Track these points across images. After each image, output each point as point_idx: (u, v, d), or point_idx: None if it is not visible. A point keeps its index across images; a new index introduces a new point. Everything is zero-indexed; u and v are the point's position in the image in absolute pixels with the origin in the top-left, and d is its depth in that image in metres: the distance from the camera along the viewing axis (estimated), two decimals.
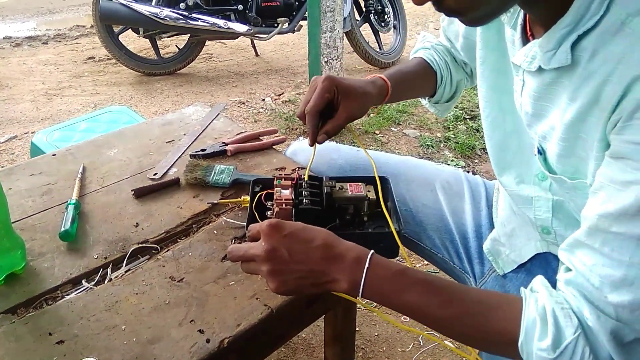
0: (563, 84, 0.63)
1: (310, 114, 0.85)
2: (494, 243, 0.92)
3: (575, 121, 0.61)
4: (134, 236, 0.89)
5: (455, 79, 1.04)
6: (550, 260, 0.85)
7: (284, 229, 0.65)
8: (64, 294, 0.78)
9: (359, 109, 0.88)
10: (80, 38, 4.44)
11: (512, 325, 0.60)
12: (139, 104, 3.14)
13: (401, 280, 0.65)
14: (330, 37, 2.64)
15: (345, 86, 0.86)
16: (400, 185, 1.03)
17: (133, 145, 1.16)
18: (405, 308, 0.65)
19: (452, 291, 0.65)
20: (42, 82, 3.51)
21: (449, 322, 0.64)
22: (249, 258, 0.67)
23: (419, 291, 0.64)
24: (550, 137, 0.67)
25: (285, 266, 0.65)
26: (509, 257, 0.90)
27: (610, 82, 0.55)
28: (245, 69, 3.79)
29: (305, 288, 0.67)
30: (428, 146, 2.74)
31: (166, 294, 0.78)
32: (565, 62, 0.60)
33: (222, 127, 1.23)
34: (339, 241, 0.67)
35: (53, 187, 1.02)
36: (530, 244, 0.87)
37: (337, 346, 1.04)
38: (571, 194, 0.69)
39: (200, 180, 1.01)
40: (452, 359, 1.57)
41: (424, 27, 4.81)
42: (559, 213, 0.77)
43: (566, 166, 0.66)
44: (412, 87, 1.03)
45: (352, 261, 0.65)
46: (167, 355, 0.68)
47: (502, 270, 0.91)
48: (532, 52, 0.65)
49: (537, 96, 0.67)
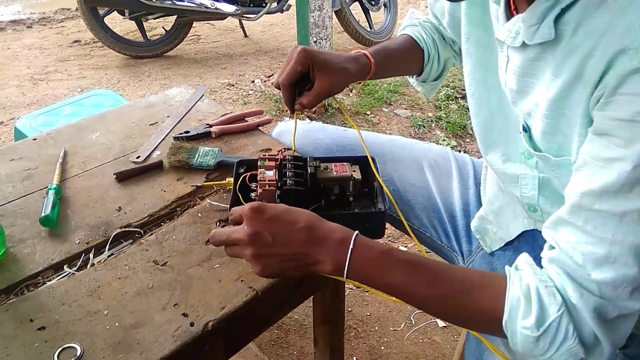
0: (547, 59, 0.61)
1: (283, 86, 0.86)
2: (482, 221, 0.92)
3: (559, 97, 0.60)
4: (117, 220, 0.88)
5: (443, 57, 1.02)
6: (538, 237, 0.84)
7: (267, 212, 0.64)
8: (46, 280, 0.77)
9: (335, 83, 0.87)
10: (65, 21, 4.35)
11: (496, 304, 0.59)
12: (126, 87, 3.10)
13: (385, 260, 0.64)
14: (319, 16, 2.60)
15: (321, 60, 0.85)
16: (387, 165, 1.02)
17: (115, 128, 1.13)
18: (389, 288, 0.65)
19: (436, 271, 0.64)
20: (27, 66, 3.45)
21: (433, 302, 0.64)
22: (232, 242, 0.66)
23: (403, 271, 0.63)
24: (534, 113, 0.66)
25: (268, 249, 0.64)
26: (496, 235, 0.89)
27: (593, 56, 0.54)
28: (234, 50, 3.74)
29: (289, 271, 0.66)
30: (419, 126, 2.72)
31: (149, 278, 0.77)
32: (548, 37, 0.59)
33: (207, 108, 1.21)
34: (323, 222, 0.66)
35: (34, 172, 1.00)
36: (517, 221, 0.87)
37: (327, 326, 1.04)
38: (556, 172, 0.68)
39: (184, 162, 0.99)
40: (443, 337, 1.58)
41: (414, 6, 4.76)
42: (545, 190, 0.77)
43: (550, 143, 0.65)
44: (397, 65, 1.01)
45: (336, 243, 0.64)
46: (150, 340, 0.67)
47: (489, 248, 0.91)
48: (516, 28, 0.64)
49: (521, 72, 0.66)
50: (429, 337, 1.58)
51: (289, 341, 1.57)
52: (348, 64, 0.89)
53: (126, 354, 0.65)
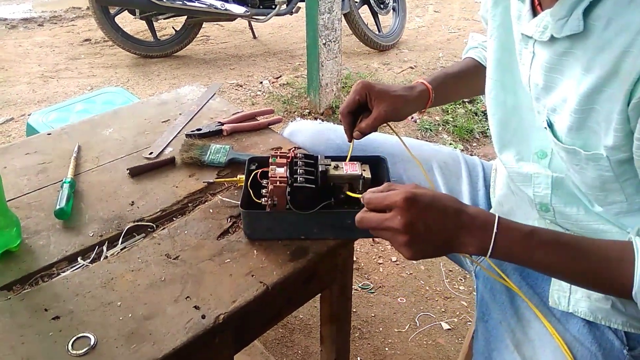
0: (575, 54, 0.62)
1: (342, 114, 0.93)
2: None
3: (591, 92, 0.61)
4: (130, 214, 0.89)
5: None
6: None
7: (420, 202, 0.64)
8: (60, 271, 0.79)
9: (391, 110, 0.90)
10: (76, 20, 4.39)
11: (629, 277, 0.61)
12: (135, 87, 3.12)
13: (528, 243, 0.65)
14: (329, 18, 2.61)
15: (378, 90, 0.90)
16: (397, 165, 1.03)
17: (128, 124, 1.15)
18: (532, 266, 0.68)
19: (577, 248, 0.65)
20: (38, 64, 3.48)
21: (573, 277, 0.67)
22: (384, 229, 0.67)
23: (545, 252, 0.65)
24: (560, 109, 0.67)
25: (422, 238, 0.65)
26: None
27: (630, 53, 0.55)
28: (242, 51, 3.76)
29: (437, 252, 0.68)
30: (427, 129, 2.73)
31: (162, 271, 0.78)
32: (577, 29, 0.60)
33: (218, 107, 1.22)
34: (467, 207, 0.67)
35: (48, 165, 1.01)
36: (528, 223, 0.87)
37: (333, 325, 1.05)
38: (582, 166, 0.68)
39: (196, 159, 1.01)
40: (447, 339, 1.58)
41: (423, 10, 4.77)
42: (558, 190, 0.77)
43: (575, 139, 0.66)
44: (460, 87, 1.02)
45: (480, 228, 0.65)
46: (162, 331, 0.69)
47: None
48: (544, 22, 0.65)
49: (549, 67, 0.67)
50: (434, 340, 1.59)
51: (293, 340, 1.57)
52: (404, 92, 0.92)
53: (139, 344, 0.67)
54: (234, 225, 0.87)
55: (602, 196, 0.70)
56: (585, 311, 0.75)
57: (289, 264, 0.80)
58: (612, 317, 0.74)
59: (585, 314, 0.75)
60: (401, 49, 3.82)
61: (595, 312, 0.74)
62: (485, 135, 2.68)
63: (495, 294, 0.85)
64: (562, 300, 0.77)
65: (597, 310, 0.74)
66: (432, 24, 4.43)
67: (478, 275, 0.93)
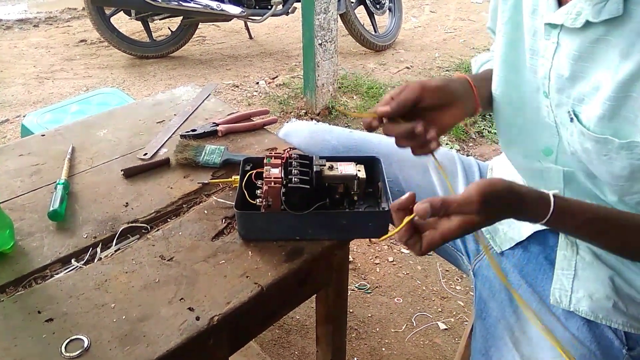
0: (610, 41, 0.61)
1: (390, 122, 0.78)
2: None
3: (629, 79, 0.60)
4: (124, 216, 0.89)
5: None
6: (549, 237, 0.84)
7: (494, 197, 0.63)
8: (53, 273, 0.78)
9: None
10: (71, 21, 4.38)
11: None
12: (131, 87, 3.11)
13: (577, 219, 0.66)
14: (324, 18, 2.61)
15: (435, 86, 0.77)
16: (393, 166, 1.03)
17: (123, 125, 1.15)
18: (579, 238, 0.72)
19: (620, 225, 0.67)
20: (34, 65, 3.47)
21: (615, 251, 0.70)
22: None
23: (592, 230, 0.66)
24: (590, 98, 0.65)
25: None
26: (506, 235, 0.89)
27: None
28: (239, 52, 3.76)
29: None
30: None
31: (156, 272, 0.78)
32: (616, 12, 0.59)
33: (213, 107, 1.22)
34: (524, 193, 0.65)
35: (42, 167, 1.01)
36: None
37: (329, 326, 1.05)
38: (611, 157, 0.66)
39: (191, 160, 1.00)
40: (444, 339, 1.58)
41: (419, 10, 4.77)
42: (570, 184, 0.76)
43: (605, 128, 0.65)
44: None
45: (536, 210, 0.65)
46: (156, 333, 0.68)
47: (499, 247, 0.90)
48: (577, 8, 0.63)
49: (578, 56, 0.65)
50: (430, 339, 1.58)
51: (290, 341, 1.57)
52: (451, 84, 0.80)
53: (133, 346, 0.66)
54: (228, 226, 0.87)
55: (628, 186, 0.68)
56: (586, 310, 0.75)
57: (283, 265, 0.79)
58: (612, 316, 0.74)
59: (586, 313, 0.75)
60: (397, 49, 3.82)
61: (596, 311, 0.74)
62: (482, 135, 2.69)
63: (494, 292, 0.85)
64: (563, 298, 0.77)
65: (598, 310, 0.74)
66: (428, 24, 4.43)
67: (476, 273, 0.93)
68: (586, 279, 0.77)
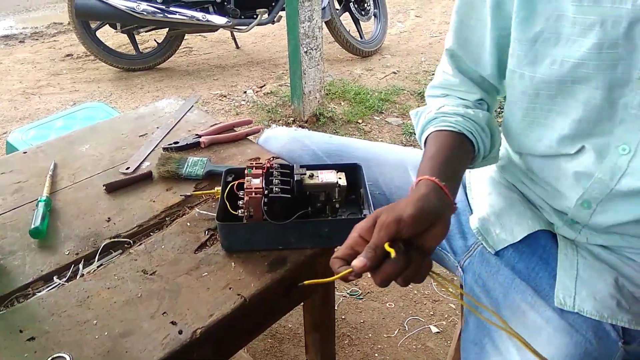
0: None
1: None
2: (483, 222, 0.89)
3: None
4: (106, 231, 0.88)
5: (483, 121, 0.83)
6: (539, 238, 0.84)
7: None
8: (35, 291, 0.78)
9: None
10: (57, 35, 4.37)
11: None
12: (118, 100, 3.11)
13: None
14: (309, 26, 2.62)
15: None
16: (373, 169, 1.03)
17: (105, 140, 1.14)
18: None
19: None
20: (20, 81, 3.46)
21: None
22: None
23: None
24: None
25: None
26: (499, 237, 0.87)
27: None
28: (226, 61, 3.77)
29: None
30: (411, 134, 2.74)
31: (138, 287, 0.77)
32: None
33: (196, 119, 1.22)
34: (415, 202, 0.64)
35: (24, 184, 1.01)
36: (522, 223, 0.85)
37: (317, 333, 1.05)
38: None
39: (173, 173, 1.00)
40: (436, 342, 1.59)
41: (405, 15, 4.81)
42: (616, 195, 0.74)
43: None
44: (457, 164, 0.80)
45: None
46: (139, 348, 0.68)
47: (493, 248, 0.88)
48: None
49: None
50: (423, 343, 1.59)
51: (283, 350, 1.57)
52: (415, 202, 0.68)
53: None
54: (211, 238, 0.87)
55: None
56: (590, 310, 0.74)
57: (267, 275, 0.79)
58: (618, 315, 0.73)
59: (590, 313, 0.74)
60: (384, 55, 3.84)
61: (601, 310, 0.73)
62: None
63: (488, 290, 0.84)
64: (567, 300, 0.76)
65: (603, 309, 0.73)
66: (413, 28, 4.46)
67: (466, 269, 0.92)
68: (589, 278, 0.76)
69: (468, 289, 0.89)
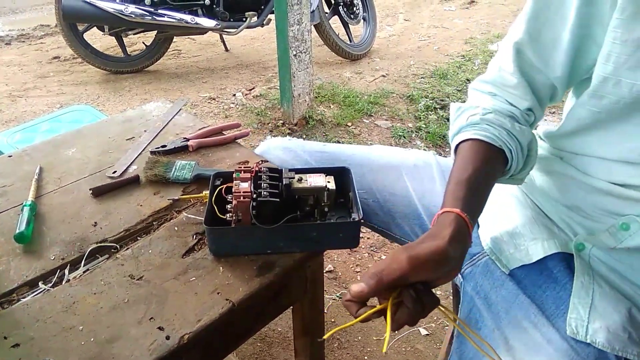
0: None
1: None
2: (495, 241, 0.87)
3: None
4: (92, 236, 0.88)
5: (525, 142, 0.78)
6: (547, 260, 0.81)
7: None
8: (20, 297, 0.77)
9: None
10: (44, 38, 4.33)
11: None
12: (106, 103, 3.08)
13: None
14: (298, 30, 2.63)
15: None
16: (366, 176, 1.02)
17: (92, 143, 1.13)
18: None
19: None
20: (6, 83, 3.41)
21: None
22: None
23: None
24: None
25: None
26: (513, 256, 0.84)
27: None
28: (215, 64, 3.75)
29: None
30: (400, 136, 2.75)
31: (125, 292, 0.77)
32: None
33: (184, 122, 1.22)
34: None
35: (9, 189, 0.99)
36: (537, 244, 0.82)
37: (306, 338, 1.04)
38: None
39: (161, 176, 1.00)
40: (426, 345, 1.59)
41: (394, 19, 4.83)
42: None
43: None
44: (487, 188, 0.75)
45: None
46: (125, 354, 0.67)
47: (506, 268, 0.84)
48: None
49: None
50: (412, 346, 1.59)
51: (272, 354, 1.56)
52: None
53: None
54: (199, 243, 0.86)
55: None
56: (603, 342, 0.72)
57: (255, 280, 0.79)
58: (628, 348, 0.72)
59: (602, 345, 0.71)
60: (373, 58, 3.86)
61: (613, 343, 0.71)
62: None
63: (491, 303, 0.82)
64: (579, 329, 0.73)
65: (615, 342, 0.71)
66: (402, 32, 4.49)
67: (466, 277, 0.90)
68: (603, 309, 0.74)
69: (467, 299, 0.87)
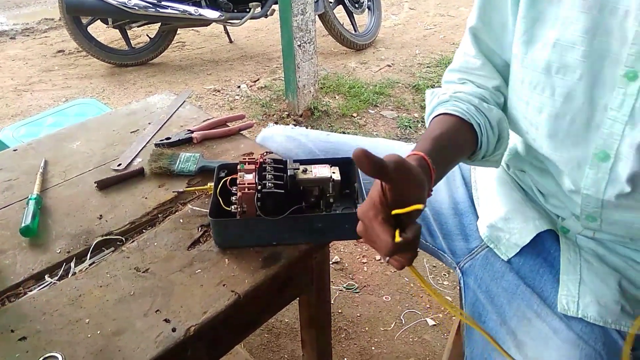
0: None
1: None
2: (492, 229, 0.88)
3: None
4: (98, 228, 0.87)
5: (495, 119, 0.79)
6: (545, 240, 0.82)
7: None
8: (27, 290, 0.77)
9: None
10: (49, 31, 4.33)
11: None
12: (111, 96, 3.09)
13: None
14: (302, 19, 2.61)
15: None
16: None
17: (97, 136, 1.13)
18: None
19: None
20: (11, 77, 3.42)
21: None
22: None
23: None
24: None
25: None
26: (509, 241, 0.85)
27: None
28: (219, 56, 3.74)
29: None
30: (406, 127, 2.74)
31: (131, 285, 0.76)
32: None
33: (188, 114, 1.21)
34: None
35: (14, 182, 0.99)
36: (528, 225, 0.84)
37: (313, 329, 1.04)
38: None
39: (165, 169, 0.99)
40: (433, 335, 1.59)
41: (399, 7, 4.79)
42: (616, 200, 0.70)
43: None
44: (454, 153, 0.77)
45: None
46: (132, 347, 0.67)
47: (505, 255, 0.85)
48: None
49: None
50: (419, 336, 1.59)
51: (279, 345, 1.56)
52: None
53: None
54: (204, 235, 0.86)
55: None
56: (594, 316, 0.73)
57: (261, 272, 0.79)
58: (622, 320, 0.72)
59: (594, 319, 0.72)
60: (378, 48, 3.83)
61: (605, 316, 0.72)
62: None
63: (492, 296, 0.82)
64: (570, 305, 0.74)
65: (607, 315, 0.72)
66: (407, 21, 4.45)
67: (467, 272, 0.90)
68: (592, 283, 0.75)
69: (470, 293, 0.87)
